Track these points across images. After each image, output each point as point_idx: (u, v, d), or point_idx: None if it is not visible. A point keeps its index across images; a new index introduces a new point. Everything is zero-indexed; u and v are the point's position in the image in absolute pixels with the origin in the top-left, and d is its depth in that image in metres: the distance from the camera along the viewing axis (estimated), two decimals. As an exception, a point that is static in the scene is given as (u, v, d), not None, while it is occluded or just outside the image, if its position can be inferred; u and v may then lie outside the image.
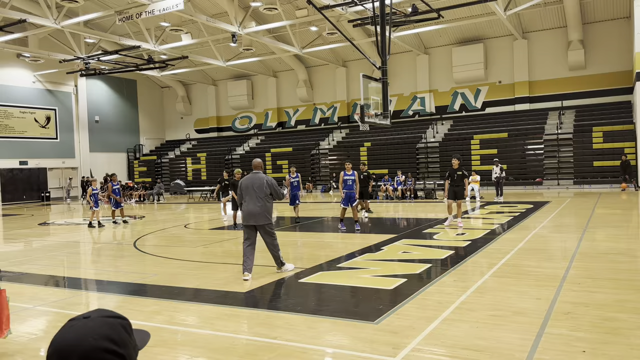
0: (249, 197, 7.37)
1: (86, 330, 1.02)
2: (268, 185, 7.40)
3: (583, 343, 4.33)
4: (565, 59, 27.27)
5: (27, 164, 31.54)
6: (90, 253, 11.28)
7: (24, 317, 5.95)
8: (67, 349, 1.01)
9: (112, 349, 1.01)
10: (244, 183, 7.48)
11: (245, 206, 7.41)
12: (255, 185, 7.37)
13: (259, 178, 7.45)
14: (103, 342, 1.01)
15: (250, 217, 7.36)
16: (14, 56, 30.27)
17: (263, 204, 7.34)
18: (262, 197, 7.34)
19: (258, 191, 7.35)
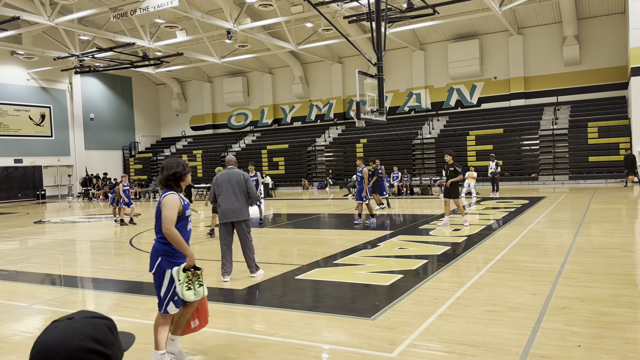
0: (226, 193, 7.04)
1: (70, 331, 1.01)
2: (245, 181, 7.11)
3: (578, 337, 4.35)
4: (561, 55, 27.32)
5: (22, 162, 31.41)
6: (86, 251, 11.25)
7: (20, 316, 5.93)
8: (51, 350, 0.99)
9: (98, 349, 0.99)
10: (219, 179, 7.16)
11: (222, 203, 7.06)
12: (232, 181, 7.07)
13: (236, 173, 7.15)
14: (88, 342, 0.99)
15: (228, 214, 7.03)
16: (8, 54, 30.09)
17: (241, 200, 7.06)
18: (240, 192, 7.04)
19: (236, 187, 7.04)
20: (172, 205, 3.98)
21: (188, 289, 3.96)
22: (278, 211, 18.56)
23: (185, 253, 3.98)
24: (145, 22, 25.31)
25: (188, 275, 3.96)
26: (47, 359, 1.01)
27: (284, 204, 20.98)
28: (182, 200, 4.07)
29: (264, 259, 8.87)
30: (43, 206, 26.72)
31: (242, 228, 7.11)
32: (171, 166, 4.10)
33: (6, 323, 5.65)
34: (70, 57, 26.53)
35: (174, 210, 3.98)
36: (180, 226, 4.05)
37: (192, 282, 3.98)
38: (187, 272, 3.97)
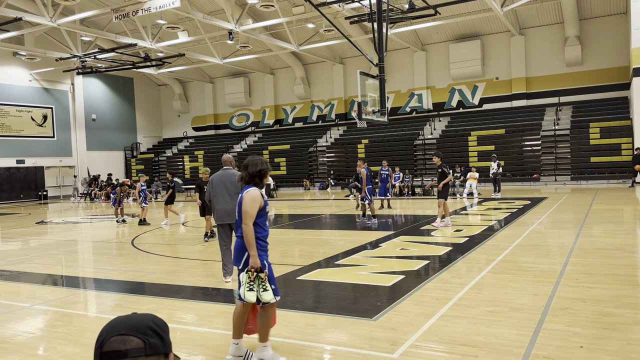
0: (222, 194, 6.91)
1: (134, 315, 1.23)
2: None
3: (580, 338, 4.34)
4: (562, 55, 27.29)
5: (24, 162, 31.47)
6: (88, 252, 11.26)
7: (22, 316, 5.94)
8: (118, 323, 1.19)
9: (155, 329, 1.20)
10: (214, 180, 7.01)
11: (218, 205, 6.93)
12: (227, 182, 6.93)
13: (231, 174, 6.99)
14: (148, 322, 1.21)
15: (225, 216, 6.90)
16: (10, 55, 30.16)
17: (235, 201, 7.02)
18: (235, 193, 6.79)
19: (231, 187, 6.89)
20: (254, 200, 4.06)
21: (249, 290, 4.00)
22: (280, 212, 18.57)
23: (251, 253, 4.02)
24: (147, 23, 25.35)
25: (249, 276, 4.00)
26: (113, 329, 1.18)
27: (286, 205, 20.98)
28: (263, 196, 4.16)
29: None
30: (45, 207, 26.76)
31: (229, 231, 7.07)
32: (256, 163, 4.21)
33: (8, 323, 5.66)
34: (73, 58, 26.58)
35: (255, 206, 4.06)
36: (260, 221, 4.14)
37: (253, 284, 4.01)
38: (249, 273, 4.01)
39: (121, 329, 1.19)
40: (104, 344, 1.17)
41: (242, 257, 4.10)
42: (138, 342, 1.17)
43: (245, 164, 4.22)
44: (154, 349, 1.18)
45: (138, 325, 1.20)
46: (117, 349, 1.15)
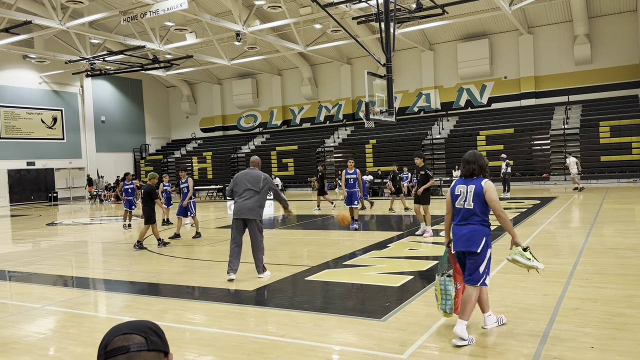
0: (241, 190, 7.18)
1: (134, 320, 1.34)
2: (264, 182, 7.24)
3: (591, 339, 4.31)
4: (572, 54, 27.09)
5: (34, 164, 31.75)
6: (98, 253, 11.33)
7: (33, 317, 5.99)
8: (120, 326, 1.29)
9: (155, 330, 1.30)
10: (238, 177, 7.32)
11: (240, 200, 7.18)
12: (249, 179, 7.20)
13: (255, 173, 7.32)
14: (149, 324, 1.31)
15: (241, 211, 7.13)
16: (20, 58, 30.44)
17: (257, 198, 7.16)
18: (256, 190, 7.14)
19: (252, 185, 7.16)
20: (495, 190, 4.53)
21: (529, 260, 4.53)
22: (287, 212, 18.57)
23: (512, 233, 4.57)
24: (155, 25, 25.48)
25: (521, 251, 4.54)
26: (116, 331, 1.27)
27: (294, 205, 20.97)
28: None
29: (273, 260, 8.90)
30: (55, 208, 26.98)
31: (254, 227, 7.20)
32: (482, 157, 4.71)
33: (20, 324, 5.71)
34: (82, 60, 26.78)
35: (497, 196, 4.54)
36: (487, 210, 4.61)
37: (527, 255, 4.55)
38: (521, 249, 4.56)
39: (123, 329, 1.27)
40: (109, 344, 1.25)
41: (481, 241, 4.48)
42: (140, 339, 1.25)
43: (471, 159, 4.65)
44: (154, 345, 1.26)
45: (139, 326, 1.29)
46: (121, 345, 1.23)
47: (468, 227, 4.51)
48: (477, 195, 4.48)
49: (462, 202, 4.57)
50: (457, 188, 4.66)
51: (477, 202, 4.48)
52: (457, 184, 4.69)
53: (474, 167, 4.60)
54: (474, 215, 4.49)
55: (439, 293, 4.67)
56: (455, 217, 4.65)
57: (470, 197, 4.51)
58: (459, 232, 4.57)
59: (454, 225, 4.66)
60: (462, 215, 4.56)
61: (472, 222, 4.50)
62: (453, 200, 4.67)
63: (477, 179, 4.58)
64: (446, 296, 4.63)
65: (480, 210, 4.48)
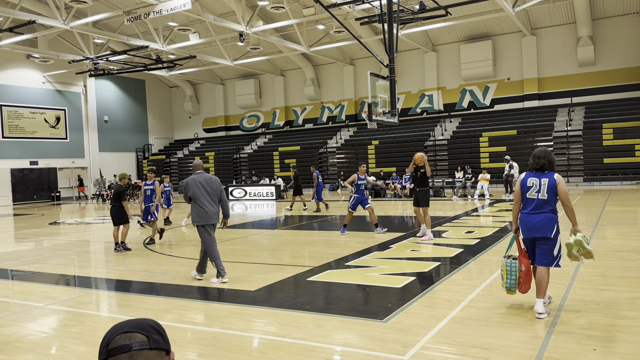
0: (205, 196, 7.20)
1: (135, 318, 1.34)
2: (220, 186, 7.39)
3: (593, 341, 4.30)
4: (575, 56, 27.04)
5: (37, 164, 31.81)
6: (100, 252, 11.35)
7: (35, 316, 6.00)
8: (121, 324, 1.29)
9: (157, 328, 1.30)
10: (193, 183, 7.24)
11: (204, 206, 7.18)
12: (206, 184, 7.25)
13: (212, 178, 7.38)
14: (151, 322, 1.31)
15: (210, 217, 7.22)
16: (24, 57, 30.52)
17: (216, 202, 7.34)
18: (217, 195, 7.31)
19: (211, 189, 7.26)
20: (564, 183, 5.10)
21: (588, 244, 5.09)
22: (290, 213, 18.58)
23: (575, 221, 5.17)
24: (159, 25, 25.53)
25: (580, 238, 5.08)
26: (118, 329, 1.27)
27: (296, 206, 21.00)
28: None
29: (276, 261, 8.91)
30: (58, 207, 27.03)
31: (213, 229, 7.35)
32: (550, 152, 5.19)
33: (22, 323, 5.73)
34: (85, 60, 26.84)
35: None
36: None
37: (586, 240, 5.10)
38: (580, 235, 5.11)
39: (125, 327, 1.27)
40: (110, 343, 1.24)
41: (553, 228, 5.03)
42: (142, 337, 1.25)
43: (541, 154, 5.12)
44: (156, 344, 1.26)
45: (140, 324, 1.29)
46: (123, 344, 1.23)
47: (541, 216, 5.01)
48: (550, 187, 5.00)
49: (535, 193, 5.04)
50: (529, 180, 5.10)
51: (550, 193, 5.00)
52: (528, 176, 5.13)
53: (544, 162, 5.07)
54: (547, 204, 5.01)
55: (504, 273, 5.25)
56: (526, 206, 5.10)
57: (544, 189, 5.01)
58: (531, 220, 5.06)
59: (525, 214, 5.12)
60: (536, 205, 5.04)
61: (544, 211, 5.01)
62: (524, 191, 5.10)
63: (548, 173, 5.07)
64: (510, 276, 5.20)
65: (552, 200, 5.01)
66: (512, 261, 5.23)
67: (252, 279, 7.33)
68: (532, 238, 5.10)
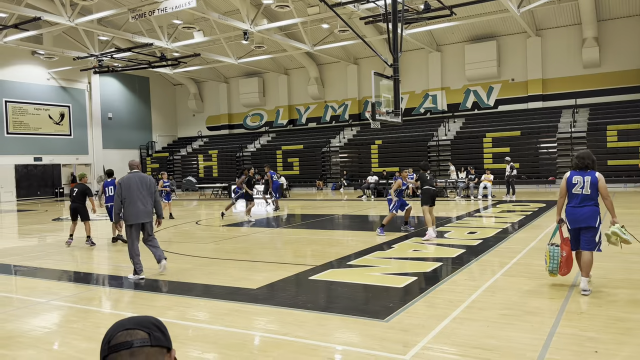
0: (137, 195, 7.34)
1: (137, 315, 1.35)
2: (154, 186, 7.61)
3: (595, 343, 4.29)
4: (580, 57, 26.96)
5: (41, 160, 31.90)
6: (103, 248, 11.38)
7: (38, 311, 6.03)
8: (123, 321, 1.30)
9: (158, 325, 1.31)
10: (127, 182, 7.36)
11: (134, 205, 7.33)
12: (143, 184, 7.43)
13: (145, 177, 7.58)
14: (152, 319, 1.33)
15: (141, 216, 7.40)
16: (29, 54, 30.61)
17: (150, 201, 7.52)
18: (150, 194, 7.49)
19: (145, 189, 7.43)
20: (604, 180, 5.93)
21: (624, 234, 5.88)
22: (292, 211, 18.60)
23: (613, 213, 5.93)
24: (164, 23, 25.56)
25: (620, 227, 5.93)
26: (119, 326, 1.28)
27: (298, 205, 21.01)
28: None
29: (277, 259, 8.91)
30: (61, 204, 27.11)
31: (149, 227, 7.61)
32: (592, 154, 6.03)
33: (25, 318, 5.75)
34: (90, 57, 26.89)
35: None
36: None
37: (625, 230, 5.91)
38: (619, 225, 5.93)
39: (127, 324, 1.28)
40: (112, 339, 1.26)
41: (597, 219, 5.86)
42: (143, 334, 1.26)
43: (585, 156, 5.96)
44: (157, 341, 1.27)
45: (142, 321, 1.30)
46: (124, 341, 1.24)
47: (586, 209, 5.84)
48: (593, 184, 5.82)
49: (580, 189, 5.86)
50: (574, 178, 5.92)
51: (593, 189, 5.81)
52: (573, 175, 5.95)
53: (588, 162, 5.92)
54: (590, 199, 5.83)
55: (547, 258, 6.06)
56: (572, 200, 5.92)
57: (587, 185, 5.82)
58: (577, 212, 5.87)
59: (570, 207, 5.93)
60: (581, 199, 5.86)
61: (588, 205, 5.84)
62: (569, 187, 5.92)
63: (591, 172, 5.90)
64: (553, 260, 6.00)
65: (594, 195, 5.82)
66: (555, 248, 6.01)
67: (253, 277, 7.34)
68: (577, 228, 5.90)
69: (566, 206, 5.99)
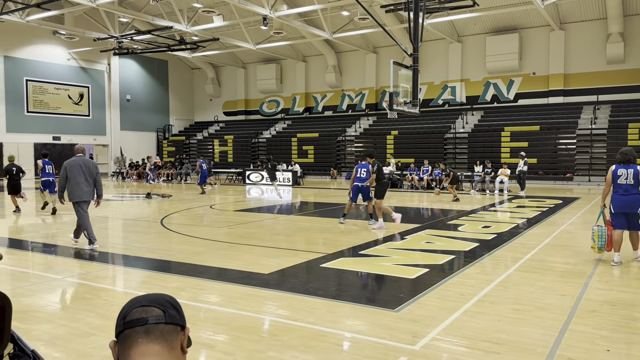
0: (80, 176, 8.24)
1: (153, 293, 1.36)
2: (96, 169, 8.45)
3: (607, 342, 4.25)
4: (604, 52, 26.41)
5: (60, 139, 32.33)
6: (118, 229, 11.54)
7: (54, 287, 6.14)
8: (139, 298, 1.32)
9: (174, 304, 1.33)
10: (72, 164, 8.26)
11: (77, 185, 8.23)
12: (84, 167, 8.28)
13: (89, 161, 8.48)
14: (168, 297, 1.34)
15: (84, 194, 8.31)
16: (50, 33, 30.88)
17: (91, 182, 8.39)
18: (92, 176, 8.37)
19: (87, 172, 8.30)
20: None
21: None
22: (305, 199, 18.64)
23: None
24: (184, 6, 25.56)
25: None
26: (135, 302, 1.30)
27: (312, 193, 21.05)
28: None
29: (289, 246, 8.96)
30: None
31: (87, 206, 8.46)
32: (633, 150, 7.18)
33: (41, 294, 5.87)
34: (110, 38, 27.06)
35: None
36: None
37: None
38: None
39: (142, 301, 1.30)
40: (127, 315, 1.27)
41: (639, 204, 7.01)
42: (158, 311, 1.28)
43: (628, 151, 7.11)
44: (172, 319, 1.29)
45: (157, 299, 1.32)
46: (140, 317, 1.26)
47: (631, 197, 7.01)
48: (635, 175, 6.99)
49: (624, 180, 7.02)
50: (619, 171, 7.09)
51: (635, 180, 6.98)
52: (618, 168, 7.11)
53: (630, 157, 7.07)
54: (634, 188, 6.99)
55: (596, 237, 7.18)
56: (618, 190, 7.07)
57: (630, 177, 7.01)
58: (624, 200, 7.04)
59: (617, 195, 7.07)
60: (625, 189, 7.01)
61: (632, 193, 7.00)
62: (615, 178, 7.10)
63: (633, 165, 7.06)
64: (601, 238, 7.13)
65: (637, 184, 6.96)
66: (602, 228, 7.19)
67: (265, 262, 7.39)
68: (623, 213, 7.04)
69: (612, 194, 7.10)
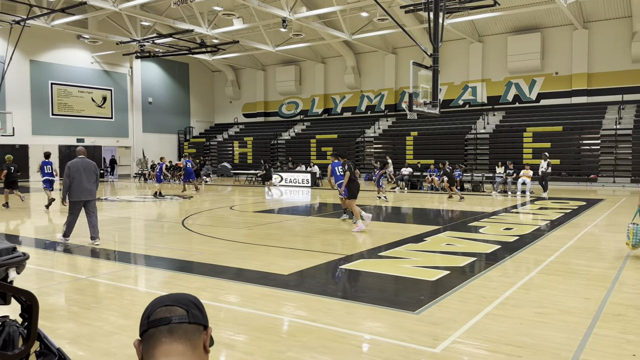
0: (83, 177, 8.86)
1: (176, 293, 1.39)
2: (97, 170, 9.17)
3: (633, 347, 4.16)
4: (629, 51, 25.87)
5: (83, 141, 32.92)
6: (140, 229, 11.69)
7: (78, 287, 6.25)
8: (162, 298, 1.34)
9: (196, 304, 1.35)
10: (74, 166, 8.84)
11: (79, 185, 8.83)
12: (85, 168, 8.92)
13: (88, 162, 9.07)
14: (189, 297, 1.36)
15: (84, 194, 8.89)
16: (74, 37, 31.51)
17: (93, 182, 9.05)
18: (94, 177, 9.03)
19: (89, 172, 8.95)
20: None
21: None
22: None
23: None
24: (204, 10, 25.83)
25: None
26: (159, 302, 1.32)
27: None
28: None
29: (307, 247, 8.97)
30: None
31: (92, 204, 9.10)
32: None
33: (65, 293, 5.98)
34: (132, 42, 27.47)
35: None
36: None
37: None
38: None
39: (166, 301, 1.32)
40: (151, 315, 1.29)
41: None
42: (182, 311, 1.30)
43: None
44: (195, 318, 1.30)
45: (181, 299, 1.34)
46: (163, 316, 1.28)
47: None
48: None
49: None
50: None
51: None
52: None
53: None
54: None
55: (631, 234, 7.43)
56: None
57: None
58: None
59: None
60: None
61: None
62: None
63: None
64: (636, 236, 7.38)
65: None
66: (638, 226, 7.41)
67: (285, 263, 7.41)
68: None
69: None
